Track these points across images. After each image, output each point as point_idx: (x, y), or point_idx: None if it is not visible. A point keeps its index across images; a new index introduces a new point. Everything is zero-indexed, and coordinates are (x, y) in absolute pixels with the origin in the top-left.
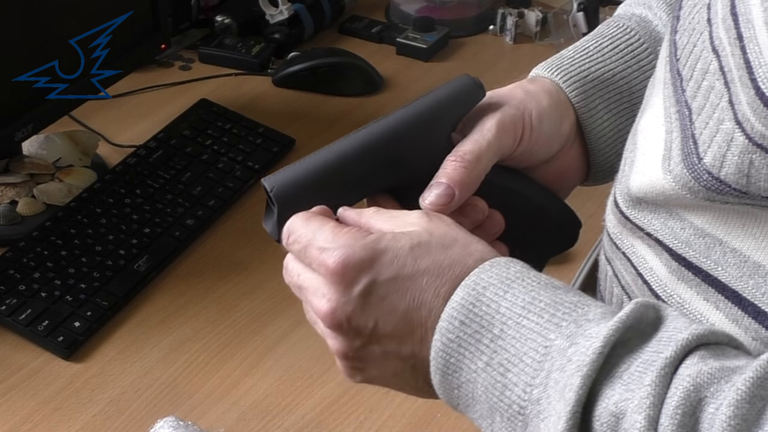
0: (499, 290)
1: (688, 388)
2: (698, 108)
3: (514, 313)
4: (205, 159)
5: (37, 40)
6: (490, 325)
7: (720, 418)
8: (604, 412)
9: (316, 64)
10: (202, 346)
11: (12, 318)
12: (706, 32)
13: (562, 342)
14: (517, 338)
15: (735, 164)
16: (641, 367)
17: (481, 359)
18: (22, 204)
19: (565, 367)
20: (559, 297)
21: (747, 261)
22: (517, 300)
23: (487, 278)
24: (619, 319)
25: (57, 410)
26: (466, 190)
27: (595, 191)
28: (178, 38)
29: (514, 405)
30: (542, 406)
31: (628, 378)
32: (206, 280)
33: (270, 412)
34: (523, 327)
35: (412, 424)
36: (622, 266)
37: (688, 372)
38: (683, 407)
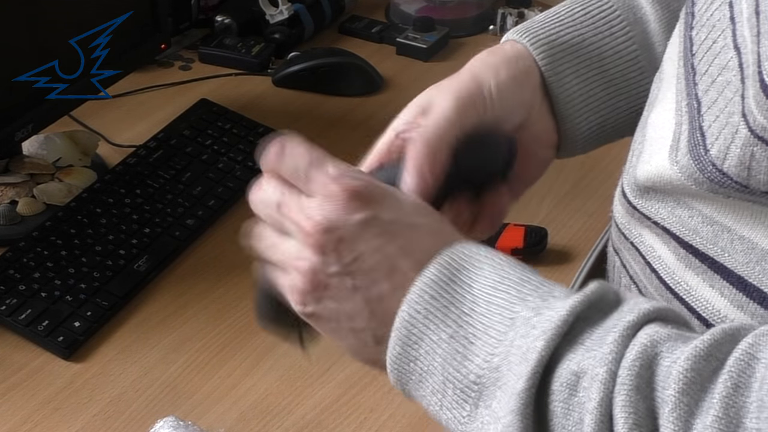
0: (471, 272)
1: (645, 344)
2: (709, 101)
3: (485, 293)
4: (205, 159)
5: (37, 40)
6: (461, 303)
7: (677, 370)
8: (565, 371)
9: (316, 64)
10: (202, 346)
11: (12, 318)
12: (728, 29)
13: (527, 313)
14: (484, 314)
15: (737, 156)
16: (603, 332)
17: (446, 331)
18: (22, 204)
19: (529, 333)
20: (526, 275)
21: (755, 248)
22: (488, 281)
23: (459, 259)
24: (583, 293)
25: (57, 410)
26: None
27: (595, 191)
28: (178, 38)
29: (470, 375)
30: (501, 372)
31: (590, 343)
32: (206, 280)
33: (270, 412)
34: (492, 303)
35: (412, 424)
36: (630, 256)
37: (647, 332)
38: (640, 360)
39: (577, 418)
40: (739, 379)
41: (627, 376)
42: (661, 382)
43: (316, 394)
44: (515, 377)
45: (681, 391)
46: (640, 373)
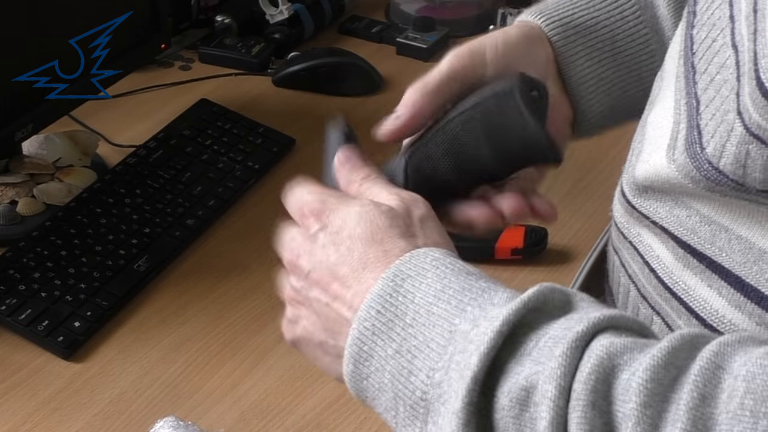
0: (415, 281)
1: (601, 356)
2: (707, 100)
3: (426, 302)
4: (205, 159)
5: (37, 40)
6: (404, 314)
7: (636, 382)
8: (514, 386)
9: (316, 64)
10: (202, 346)
11: (12, 318)
12: (728, 28)
13: (465, 326)
14: (426, 325)
15: (733, 154)
16: (550, 342)
17: (392, 346)
18: (22, 204)
19: (467, 348)
20: (469, 283)
21: (752, 248)
22: (430, 289)
23: (405, 269)
24: (520, 300)
25: (57, 410)
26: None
27: (595, 191)
28: (178, 38)
29: (417, 391)
30: (443, 389)
31: (537, 353)
32: (206, 280)
33: (270, 412)
34: (433, 314)
35: None
36: (629, 255)
37: (601, 343)
38: (596, 374)
39: None
40: (705, 390)
41: (582, 391)
42: (620, 395)
43: (316, 394)
44: (454, 395)
45: (643, 404)
46: (596, 388)
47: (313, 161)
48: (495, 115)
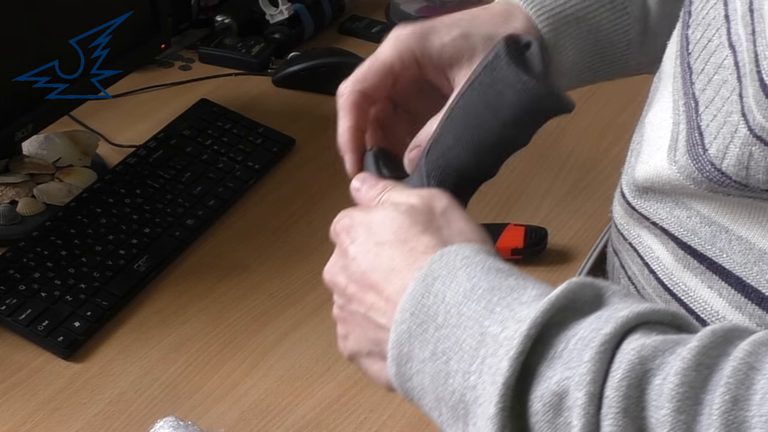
0: (446, 280)
1: (632, 361)
2: (707, 101)
3: (456, 302)
4: (205, 159)
5: (37, 40)
6: (435, 314)
7: (668, 387)
8: (546, 392)
9: (316, 64)
10: (202, 346)
11: (12, 318)
12: (723, 28)
13: (495, 328)
14: (457, 326)
15: (736, 156)
16: (580, 345)
17: (427, 348)
18: (22, 204)
19: (497, 351)
20: (498, 281)
21: (752, 248)
22: (460, 288)
23: (437, 269)
24: (548, 300)
25: (57, 410)
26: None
27: (595, 191)
28: (178, 38)
29: (456, 393)
30: (478, 392)
31: (567, 356)
32: (206, 280)
33: (270, 412)
34: (463, 315)
35: (412, 424)
36: (629, 257)
37: (632, 346)
38: (628, 379)
39: None
40: (738, 392)
41: (614, 398)
42: (653, 401)
43: (316, 394)
44: (488, 400)
45: (677, 409)
46: (628, 394)
47: (313, 161)
48: (492, 86)
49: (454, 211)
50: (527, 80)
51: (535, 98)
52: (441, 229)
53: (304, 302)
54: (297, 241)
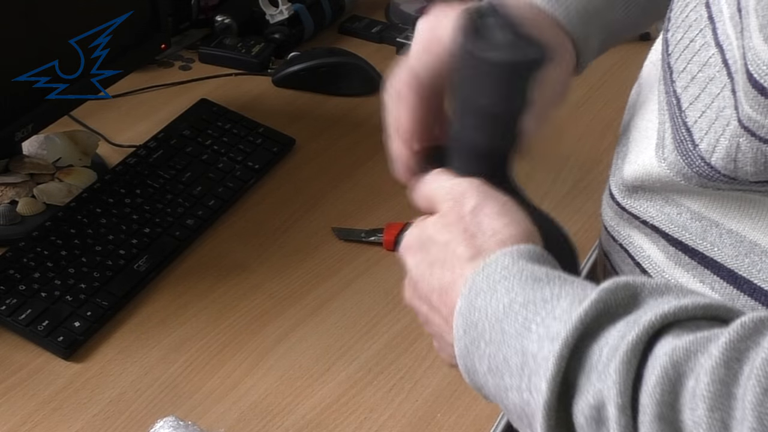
0: (486, 295)
1: (665, 366)
2: (691, 97)
3: (497, 319)
4: (205, 159)
5: (37, 40)
6: (483, 332)
7: (700, 387)
8: (585, 405)
9: (316, 64)
10: (202, 346)
11: (12, 318)
12: (708, 29)
13: (533, 347)
14: (501, 343)
15: (725, 148)
16: (609, 354)
17: (484, 363)
18: (22, 204)
19: (538, 371)
20: (533, 294)
21: (743, 241)
22: (499, 304)
23: (479, 282)
24: (578, 317)
25: (57, 410)
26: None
27: (595, 192)
28: (178, 38)
29: (516, 407)
30: (532, 408)
31: (601, 366)
32: (206, 280)
33: (270, 412)
34: (505, 332)
35: (412, 424)
36: (620, 259)
37: (664, 350)
38: (662, 385)
39: None
40: None
41: (648, 405)
42: (688, 404)
43: (316, 394)
44: (537, 419)
45: (710, 408)
46: (662, 400)
47: (313, 161)
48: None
49: (484, 206)
50: (493, 52)
51: (506, 67)
52: (475, 236)
53: (304, 302)
54: (297, 241)
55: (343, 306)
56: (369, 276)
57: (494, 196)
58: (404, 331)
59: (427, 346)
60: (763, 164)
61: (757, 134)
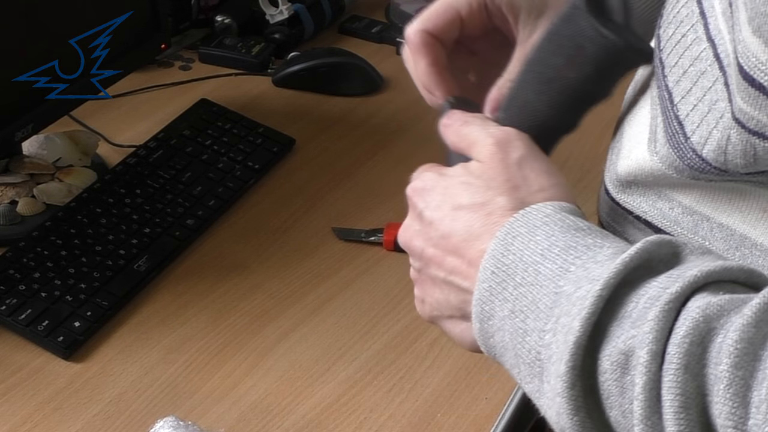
0: (525, 238)
1: (696, 319)
2: (682, 91)
3: (533, 261)
4: (205, 159)
5: (37, 40)
6: (514, 273)
7: (727, 343)
8: (614, 350)
9: (316, 64)
10: (202, 346)
11: (12, 318)
12: (699, 24)
13: (569, 287)
14: (533, 285)
15: (716, 141)
16: (648, 303)
17: (507, 306)
18: (22, 204)
19: (570, 311)
20: (575, 240)
21: (734, 234)
22: (537, 247)
23: (517, 227)
24: (621, 260)
25: (57, 410)
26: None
27: (595, 191)
28: (178, 38)
29: (532, 351)
30: (552, 350)
31: (636, 315)
32: (206, 280)
33: (270, 412)
34: (539, 274)
35: (412, 424)
36: None
37: (698, 304)
38: (691, 336)
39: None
40: None
41: (675, 354)
42: (713, 358)
43: (316, 394)
44: (559, 359)
45: (734, 365)
46: (690, 351)
47: (313, 161)
48: (571, 39)
49: (531, 160)
50: (607, 34)
51: (615, 52)
52: (518, 188)
53: (304, 302)
54: (297, 241)
55: (343, 306)
56: (369, 276)
57: (541, 154)
58: (404, 331)
59: (427, 346)
60: (752, 156)
61: (746, 126)
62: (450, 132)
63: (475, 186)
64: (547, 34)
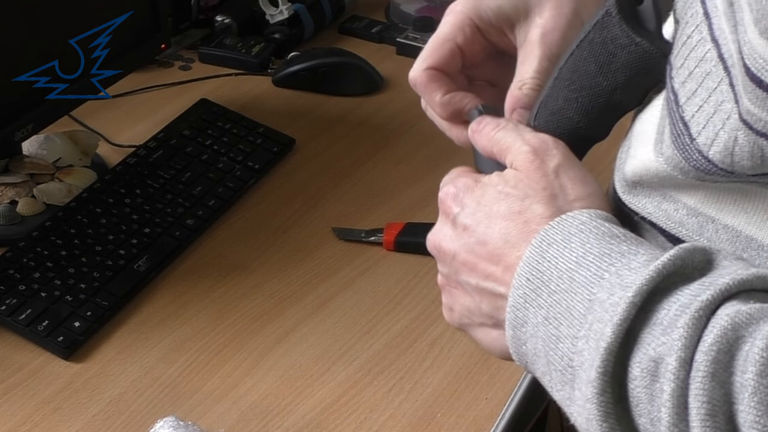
0: (560, 246)
1: (725, 327)
2: (688, 93)
3: (568, 268)
4: (205, 159)
5: (37, 40)
6: (549, 280)
7: (754, 351)
8: (645, 357)
9: (316, 64)
10: (202, 346)
11: (12, 318)
12: (703, 24)
13: (602, 294)
14: (568, 292)
15: (723, 142)
16: (679, 311)
17: (540, 313)
18: (22, 204)
19: (603, 317)
20: (609, 247)
21: (739, 236)
22: (572, 254)
23: (552, 234)
24: (654, 267)
25: (57, 410)
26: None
27: None
28: (178, 38)
29: (564, 358)
30: (584, 356)
31: (667, 322)
32: (206, 280)
33: (270, 412)
34: (574, 281)
35: (412, 424)
36: None
37: (727, 312)
38: (719, 344)
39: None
40: None
41: (703, 362)
42: (740, 366)
43: (316, 394)
44: (590, 365)
45: (760, 373)
46: (717, 359)
47: (313, 161)
48: (603, 46)
49: (568, 169)
50: (640, 41)
51: (648, 60)
52: (556, 197)
53: (304, 302)
54: (297, 241)
55: (343, 306)
56: (369, 276)
57: (577, 162)
58: (404, 331)
59: (427, 346)
60: (759, 158)
61: (754, 128)
62: (481, 137)
63: (512, 196)
64: (579, 39)
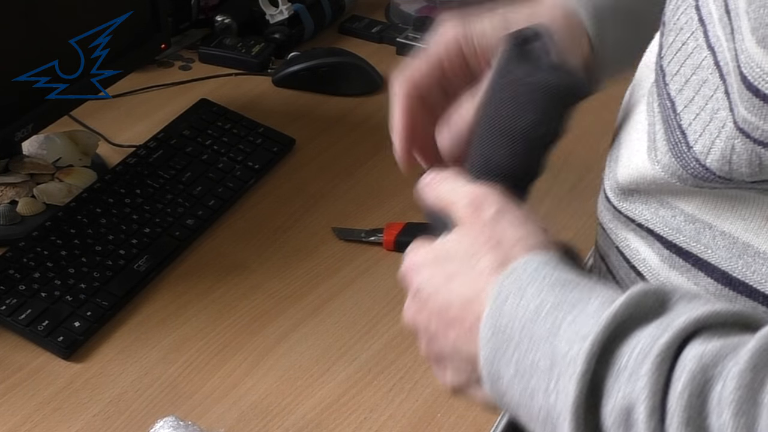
0: (515, 298)
1: (693, 370)
2: (685, 100)
3: (527, 320)
4: (205, 159)
5: (37, 40)
6: (512, 334)
7: (726, 392)
8: (615, 407)
9: (316, 64)
10: (202, 346)
11: (12, 318)
12: (699, 31)
13: (563, 346)
14: (530, 346)
15: (720, 150)
16: (640, 356)
17: (511, 367)
18: (22, 204)
19: (566, 371)
20: (563, 296)
21: (736, 242)
22: (529, 306)
23: (507, 286)
24: (607, 316)
25: (57, 410)
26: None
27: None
28: (178, 38)
29: (541, 411)
30: (558, 410)
31: (631, 368)
32: (206, 280)
33: (270, 412)
34: (534, 335)
35: (412, 424)
36: (616, 261)
37: (693, 353)
38: (690, 389)
39: None
40: None
41: (676, 409)
42: (714, 409)
43: (316, 394)
44: (564, 419)
45: (735, 413)
46: (690, 404)
47: (313, 161)
48: (508, 87)
49: (505, 214)
50: (540, 76)
51: (551, 91)
52: (500, 243)
53: (304, 302)
54: (297, 241)
55: (343, 306)
56: (369, 276)
57: (514, 205)
58: (404, 331)
59: None
60: (758, 166)
61: (751, 136)
62: (428, 192)
63: (461, 253)
64: (488, 89)
